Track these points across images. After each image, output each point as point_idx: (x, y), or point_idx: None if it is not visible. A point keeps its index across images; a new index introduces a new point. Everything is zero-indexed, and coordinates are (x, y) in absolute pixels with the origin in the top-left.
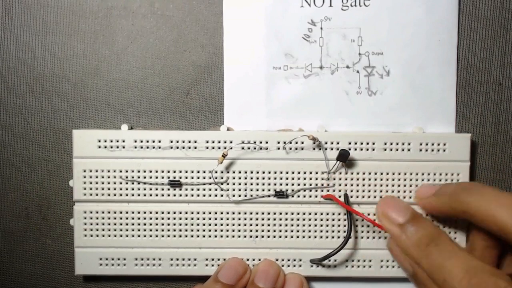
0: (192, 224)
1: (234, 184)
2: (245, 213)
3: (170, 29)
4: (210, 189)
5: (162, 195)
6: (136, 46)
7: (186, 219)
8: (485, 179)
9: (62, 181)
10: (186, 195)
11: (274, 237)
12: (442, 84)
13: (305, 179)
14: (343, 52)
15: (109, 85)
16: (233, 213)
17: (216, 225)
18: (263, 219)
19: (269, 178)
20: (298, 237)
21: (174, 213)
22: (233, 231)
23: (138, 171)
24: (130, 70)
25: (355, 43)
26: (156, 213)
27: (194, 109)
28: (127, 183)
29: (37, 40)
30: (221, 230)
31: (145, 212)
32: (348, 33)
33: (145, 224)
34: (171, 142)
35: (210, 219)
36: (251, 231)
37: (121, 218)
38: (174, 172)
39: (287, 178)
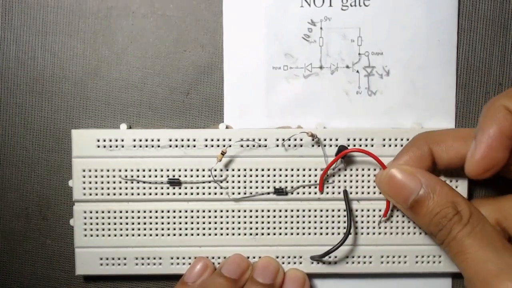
0: (192, 223)
1: (233, 182)
2: (245, 211)
3: (170, 29)
4: (209, 187)
5: (162, 193)
6: (136, 46)
7: (186, 217)
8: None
9: (62, 181)
10: (186, 194)
11: (274, 234)
12: (442, 84)
13: (304, 176)
14: (343, 52)
15: (109, 85)
16: (233, 211)
17: (216, 223)
18: (262, 217)
19: (268, 176)
20: (298, 234)
21: (174, 211)
22: (233, 229)
23: (138, 170)
24: (130, 70)
25: (355, 43)
26: (156, 212)
27: (194, 109)
28: (126, 182)
29: (37, 40)
30: (221, 228)
31: (145, 211)
32: (348, 33)
33: (145, 223)
34: (170, 140)
35: (210, 217)
36: (251, 228)
37: (121, 218)
38: (174, 170)
39: (286, 175)
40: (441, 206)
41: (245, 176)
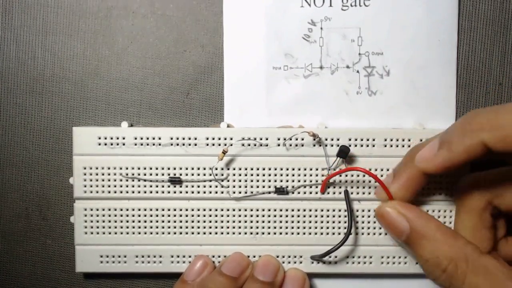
0: (193, 221)
1: (234, 181)
2: (246, 210)
3: (170, 29)
4: (210, 186)
5: (163, 192)
6: (136, 46)
7: (187, 216)
8: None
9: (62, 181)
10: (187, 192)
11: (275, 233)
12: (442, 84)
13: (305, 175)
14: (343, 52)
15: (109, 85)
16: (234, 210)
17: (216, 222)
18: (263, 216)
19: (270, 175)
20: (298, 233)
21: (175, 210)
22: (234, 228)
23: (139, 168)
24: (130, 70)
25: (355, 43)
26: (157, 210)
27: (194, 109)
28: (127, 180)
29: (37, 40)
30: (222, 227)
31: (145, 209)
32: (348, 33)
33: (145, 221)
34: (171, 139)
35: (210, 216)
36: (251, 227)
37: (121, 215)
38: (175, 169)
39: (287, 175)
40: (431, 254)
41: (246, 175)
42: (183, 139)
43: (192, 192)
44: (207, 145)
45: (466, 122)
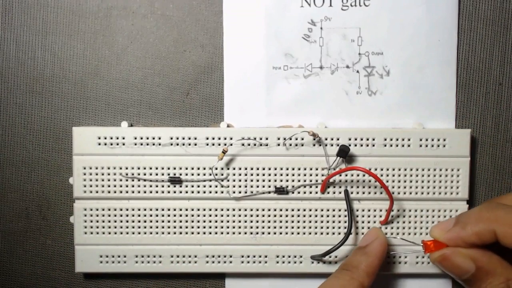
0: (193, 221)
1: (234, 180)
2: (246, 210)
3: (170, 29)
4: (210, 186)
5: (163, 192)
6: (136, 46)
7: (187, 216)
8: (485, 178)
9: (62, 180)
10: (187, 192)
11: (275, 233)
12: (442, 84)
13: (305, 175)
14: (343, 52)
15: (109, 85)
16: (234, 209)
17: (216, 221)
18: (263, 216)
19: (269, 175)
20: (298, 233)
21: (175, 210)
22: (234, 227)
23: (138, 168)
24: (130, 70)
25: (355, 43)
26: (157, 210)
27: (194, 109)
28: (127, 180)
29: (37, 40)
30: (222, 227)
31: (145, 209)
32: (348, 33)
33: (145, 221)
34: (171, 139)
35: (210, 215)
36: (251, 227)
37: (121, 215)
38: (174, 168)
39: (287, 175)
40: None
41: (246, 175)
42: (183, 139)
43: (192, 192)
44: (207, 145)
45: (485, 210)
